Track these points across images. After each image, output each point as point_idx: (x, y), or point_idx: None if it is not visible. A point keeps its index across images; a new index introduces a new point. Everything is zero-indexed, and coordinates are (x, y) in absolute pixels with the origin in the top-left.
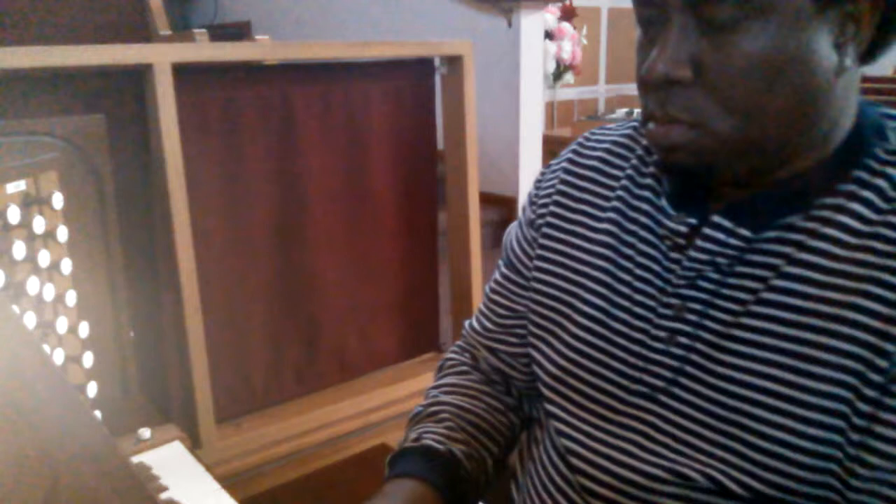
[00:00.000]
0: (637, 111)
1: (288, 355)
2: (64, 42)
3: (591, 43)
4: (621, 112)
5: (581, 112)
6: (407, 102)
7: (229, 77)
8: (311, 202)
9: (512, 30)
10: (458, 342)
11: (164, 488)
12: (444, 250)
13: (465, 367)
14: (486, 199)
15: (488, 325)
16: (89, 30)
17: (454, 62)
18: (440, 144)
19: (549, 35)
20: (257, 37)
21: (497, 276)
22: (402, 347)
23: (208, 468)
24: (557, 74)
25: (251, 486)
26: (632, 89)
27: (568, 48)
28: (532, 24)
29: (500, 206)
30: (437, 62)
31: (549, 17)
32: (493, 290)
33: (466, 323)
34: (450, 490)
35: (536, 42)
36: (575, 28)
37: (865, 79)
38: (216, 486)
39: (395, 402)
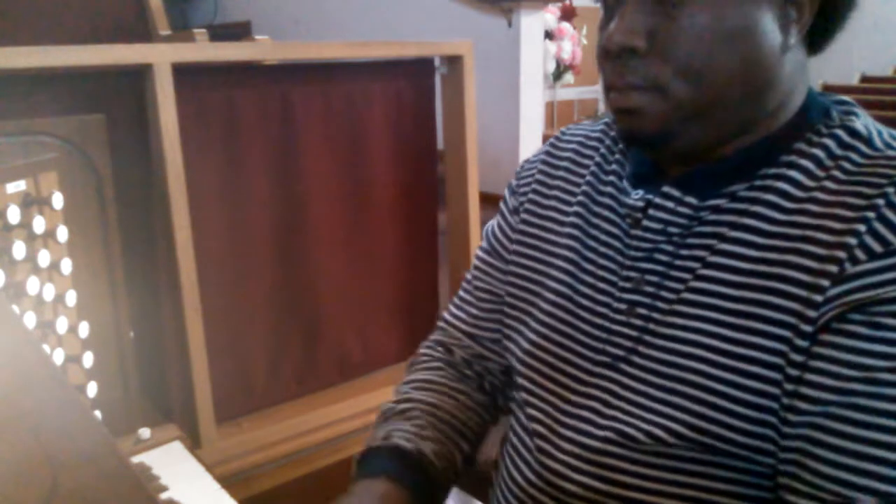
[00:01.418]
0: None
1: (288, 355)
2: (64, 42)
3: (591, 43)
4: None
5: (581, 112)
6: (407, 102)
7: (229, 77)
8: (311, 202)
9: (512, 30)
10: (433, 336)
11: (164, 488)
12: (444, 250)
13: (437, 364)
14: (486, 199)
15: (471, 310)
16: (89, 30)
17: (454, 62)
18: (440, 144)
19: (549, 35)
20: (257, 37)
21: (477, 263)
22: (402, 347)
23: (208, 468)
24: (557, 74)
25: (251, 486)
26: None
27: (568, 48)
28: (532, 24)
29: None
30: (437, 62)
31: (549, 17)
32: (474, 277)
33: (444, 313)
34: (419, 489)
35: (536, 42)
36: (575, 28)
37: (865, 79)
38: (216, 486)
39: None
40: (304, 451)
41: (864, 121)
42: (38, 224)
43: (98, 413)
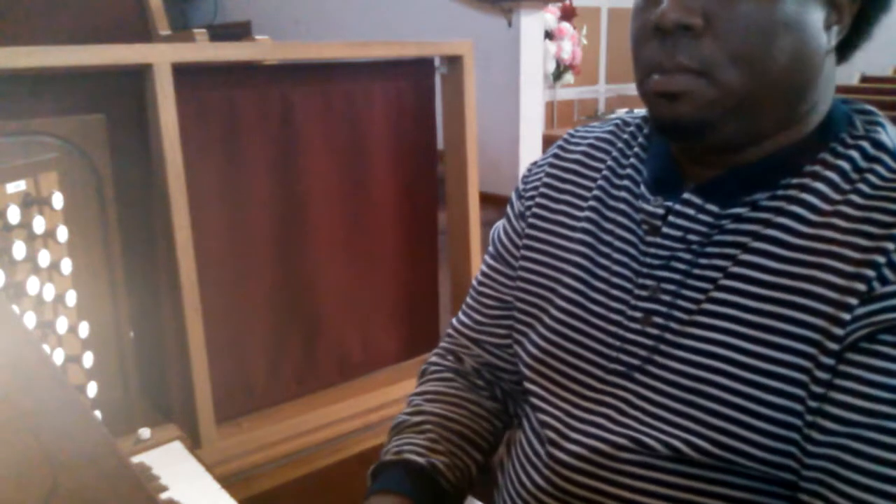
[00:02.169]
0: (637, 111)
1: (288, 355)
2: (64, 42)
3: (591, 43)
4: (621, 112)
5: (581, 112)
6: (407, 102)
7: (229, 77)
8: (311, 202)
9: (512, 30)
10: (442, 344)
11: (164, 488)
12: (444, 250)
13: (448, 374)
14: (487, 199)
15: (477, 317)
16: (89, 30)
17: (454, 62)
18: (440, 144)
19: (549, 35)
20: (257, 37)
21: (484, 268)
22: (402, 347)
23: (208, 468)
24: (557, 74)
25: (251, 486)
26: (632, 89)
27: (568, 48)
28: (532, 24)
29: (500, 206)
30: (437, 62)
31: (549, 17)
32: (480, 283)
33: (453, 320)
34: (430, 502)
35: (536, 42)
36: (575, 28)
37: (865, 79)
38: (216, 486)
39: (395, 402)
40: (304, 451)
41: (889, 132)
42: (38, 224)
43: (98, 413)
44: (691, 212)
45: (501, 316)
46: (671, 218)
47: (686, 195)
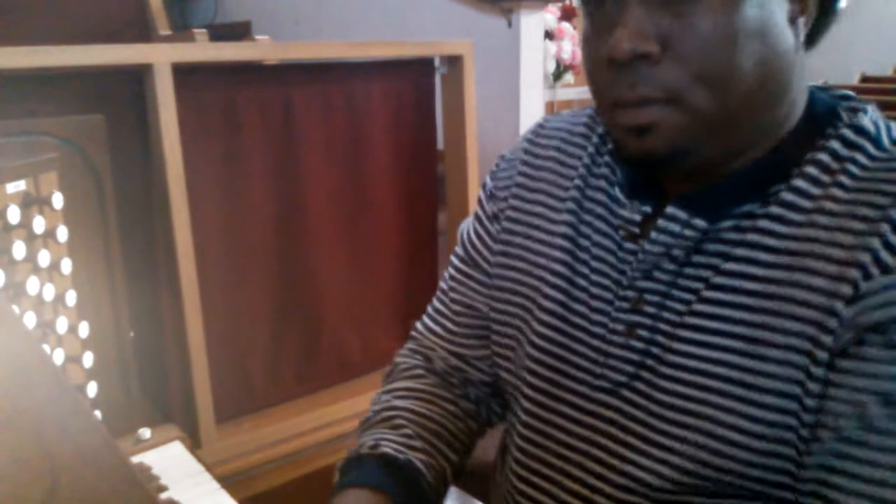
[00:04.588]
0: None
1: (288, 355)
2: (64, 42)
3: None
4: None
5: None
6: (407, 102)
7: (229, 77)
8: (311, 202)
9: (512, 30)
10: (408, 345)
11: (164, 488)
12: (444, 250)
13: (418, 371)
14: None
15: (450, 326)
16: (89, 30)
17: (454, 62)
18: (440, 144)
19: (549, 35)
20: (257, 37)
21: (453, 272)
22: (401, 347)
23: (208, 468)
24: (557, 74)
25: (251, 486)
26: None
27: (568, 48)
28: (532, 24)
29: None
30: (437, 62)
31: (549, 17)
32: (450, 288)
33: (418, 324)
34: (411, 502)
35: (536, 42)
36: (575, 28)
37: (865, 79)
38: (216, 486)
39: None
40: (304, 451)
41: (871, 116)
42: (38, 224)
43: (98, 413)
44: (676, 227)
45: (475, 325)
46: (654, 234)
47: (670, 209)
